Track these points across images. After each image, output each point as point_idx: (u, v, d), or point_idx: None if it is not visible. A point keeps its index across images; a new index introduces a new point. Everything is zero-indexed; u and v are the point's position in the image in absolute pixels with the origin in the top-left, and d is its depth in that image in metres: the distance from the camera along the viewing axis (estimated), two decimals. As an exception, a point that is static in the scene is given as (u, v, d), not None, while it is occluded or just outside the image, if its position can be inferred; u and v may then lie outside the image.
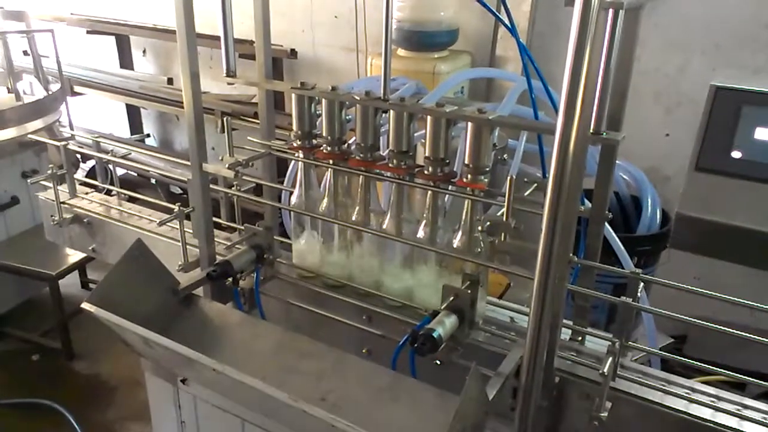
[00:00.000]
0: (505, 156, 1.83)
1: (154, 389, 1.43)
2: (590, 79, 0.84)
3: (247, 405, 1.21)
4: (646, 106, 2.79)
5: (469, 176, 1.16)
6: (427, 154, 1.20)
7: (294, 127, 1.35)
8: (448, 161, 1.21)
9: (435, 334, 1.04)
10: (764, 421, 1.02)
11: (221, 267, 1.30)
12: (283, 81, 3.75)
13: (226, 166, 1.32)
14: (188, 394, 1.35)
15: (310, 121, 1.34)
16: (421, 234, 1.26)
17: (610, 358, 1.04)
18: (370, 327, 1.31)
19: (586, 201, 1.20)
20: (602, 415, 1.05)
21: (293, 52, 3.81)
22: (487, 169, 1.16)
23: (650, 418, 1.09)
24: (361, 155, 1.28)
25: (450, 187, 1.20)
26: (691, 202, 0.80)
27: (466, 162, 1.16)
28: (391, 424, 1.00)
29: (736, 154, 0.77)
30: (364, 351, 1.34)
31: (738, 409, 1.06)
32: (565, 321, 1.28)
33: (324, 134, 1.31)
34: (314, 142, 1.34)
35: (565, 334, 1.29)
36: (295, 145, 1.35)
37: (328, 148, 1.31)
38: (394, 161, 1.24)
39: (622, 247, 1.38)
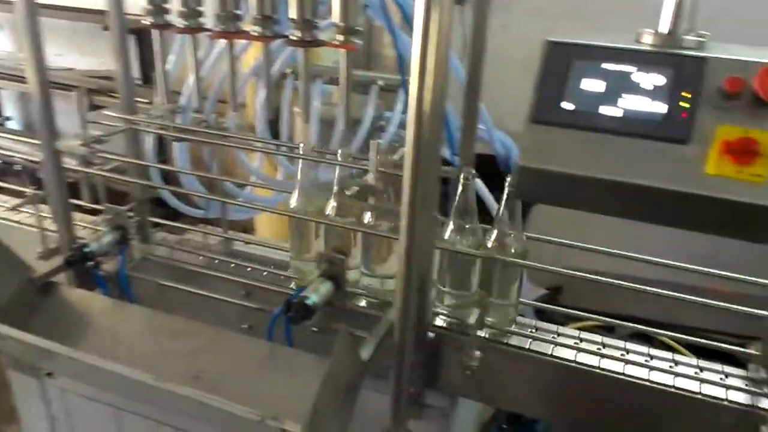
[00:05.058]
0: (383, 123, 1.85)
1: (19, 386, 1.34)
2: (441, 45, 0.84)
3: (119, 392, 1.16)
4: (516, 73, 2.88)
5: (341, 38, 1.07)
6: (293, 16, 1.10)
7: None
8: (316, 24, 1.11)
9: (309, 302, 1.04)
10: (624, 358, 1.10)
11: (78, 251, 1.22)
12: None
13: (80, 143, 1.23)
14: (56, 388, 1.27)
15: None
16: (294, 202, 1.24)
17: (477, 309, 1.08)
18: (248, 302, 1.29)
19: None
20: (473, 364, 1.10)
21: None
22: (359, 29, 1.08)
23: (520, 365, 1.15)
24: (222, 27, 1.16)
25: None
26: (530, 153, 0.84)
27: (335, 21, 1.07)
28: (268, 394, 0.99)
29: (567, 106, 0.82)
30: (244, 327, 1.32)
31: (599, 348, 1.14)
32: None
33: (179, 5, 1.18)
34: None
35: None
36: (148, 23, 1.22)
37: (184, 22, 1.18)
38: (258, 29, 1.12)
39: (493, 201, 1.43)
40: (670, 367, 1.08)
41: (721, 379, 1.06)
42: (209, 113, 1.35)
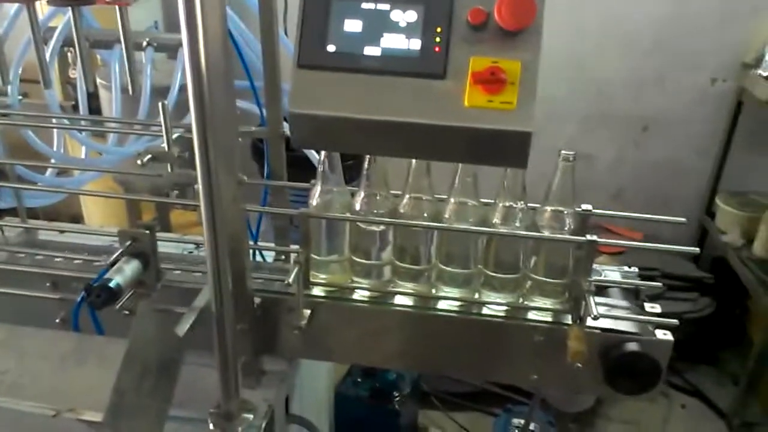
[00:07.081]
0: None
1: None
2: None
3: None
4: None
5: None
6: None
7: None
8: None
9: (112, 284, 0.97)
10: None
11: None
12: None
13: None
14: None
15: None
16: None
17: (297, 268, 1.07)
18: (55, 293, 1.18)
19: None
20: (301, 323, 1.09)
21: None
22: None
23: (351, 318, 1.15)
24: None
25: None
26: (298, 99, 0.83)
27: None
28: (72, 387, 0.92)
29: (330, 48, 0.81)
30: (57, 321, 1.21)
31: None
32: (267, 243, 1.30)
33: None
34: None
35: (270, 256, 1.32)
36: None
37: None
38: None
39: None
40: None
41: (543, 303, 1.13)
42: (-19, 91, 1.19)
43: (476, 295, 1.13)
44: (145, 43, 1.50)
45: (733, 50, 3.05)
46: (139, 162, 1.01)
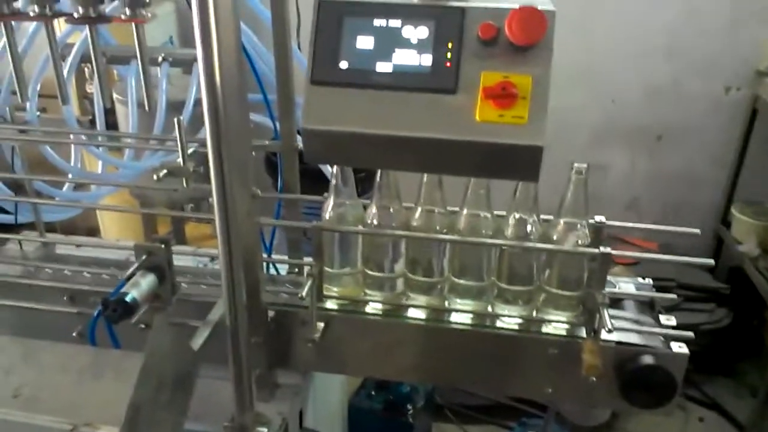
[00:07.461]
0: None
1: None
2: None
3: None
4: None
5: (127, 11, 0.99)
6: None
7: None
8: None
9: (128, 298, 0.98)
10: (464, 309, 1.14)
11: None
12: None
13: None
14: None
15: None
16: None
17: (310, 281, 1.07)
18: (71, 307, 1.19)
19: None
20: (315, 336, 1.09)
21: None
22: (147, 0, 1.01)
23: (365, 331, 1.15)
24: None
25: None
26: (312, 115, 0.84)
27: None
28: (89, 401, 0.93)
29: (343, 65, 0.82)
30: (74, 335, 1.22)
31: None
32: (281, 256, 1.30)
33: None
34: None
35: (284, 268, 1.32)
36: None
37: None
38: (35, 8, 1.00)
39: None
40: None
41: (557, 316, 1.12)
42: (2, 107, 1.22)
43: (489, 308, 1.12)
44: (160, 59, 1.52)
45: (747, 58, 3.03)
46: (154, 177, 1.02)
